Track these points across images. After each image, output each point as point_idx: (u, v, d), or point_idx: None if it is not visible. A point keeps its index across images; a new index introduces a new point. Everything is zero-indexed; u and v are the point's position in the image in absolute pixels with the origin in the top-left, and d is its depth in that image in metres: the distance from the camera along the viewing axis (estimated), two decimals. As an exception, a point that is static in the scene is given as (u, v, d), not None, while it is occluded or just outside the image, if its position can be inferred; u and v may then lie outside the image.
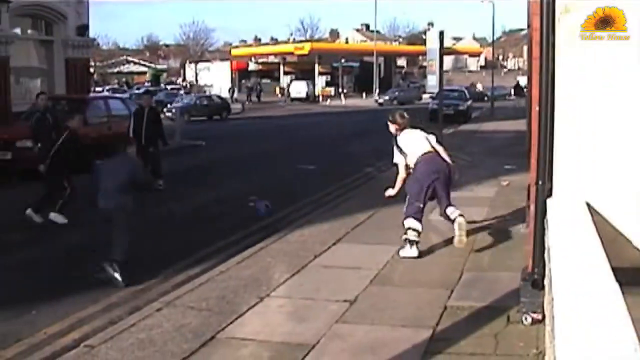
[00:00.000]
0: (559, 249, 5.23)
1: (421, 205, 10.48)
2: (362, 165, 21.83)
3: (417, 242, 10.35)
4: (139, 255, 10.82)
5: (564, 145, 6.94)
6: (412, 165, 10.69)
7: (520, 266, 8.12)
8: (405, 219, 10.45)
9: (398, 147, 10.84)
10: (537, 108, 6.99)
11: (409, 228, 10.36)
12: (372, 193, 16.54)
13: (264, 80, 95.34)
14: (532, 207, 7.27)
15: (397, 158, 10.87)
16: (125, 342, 7.16)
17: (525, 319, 7.24)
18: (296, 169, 21.76)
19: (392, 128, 11.00)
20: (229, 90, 77.56)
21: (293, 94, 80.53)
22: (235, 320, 7.80)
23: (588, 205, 6.68)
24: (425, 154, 10.61)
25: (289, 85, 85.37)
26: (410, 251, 10.33)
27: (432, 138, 11.01)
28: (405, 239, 10.39)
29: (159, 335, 7.34)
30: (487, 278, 9.18)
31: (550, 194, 6.97)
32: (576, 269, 4.63)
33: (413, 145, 10.74)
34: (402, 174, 10.83)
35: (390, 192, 11.15)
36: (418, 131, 11.05)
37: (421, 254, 10.35)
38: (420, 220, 10.41)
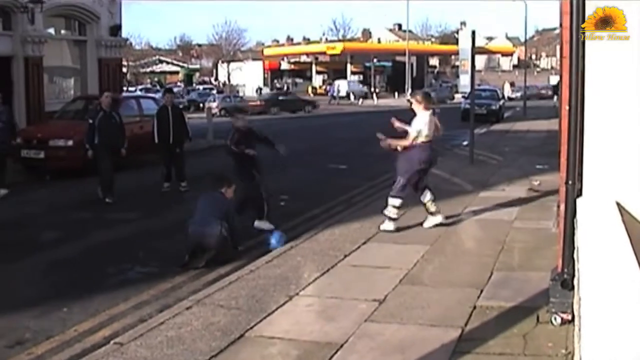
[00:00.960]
0: (588, 248, 5.20)
1: (406, 184, 11.89)
2: (394, 165, 21.76)
3: (396, 219, 11.91)
4: (170, 254, 10.94)
5: (594, 145, 6.88)
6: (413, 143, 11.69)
7: (550, 266, 8.07)
8: (391, 196, 11.90)
9: (416, 123, 11.71)
10: (567, 107, 6.96)
11: (394, 206, 11.85)
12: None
13: (297, 80, 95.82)
14: (562, 207, 7.23)
15: (414, 130, 11.66)
16: (154, 340, 7.20)
17: (555, 319, 7.20)
18: (328, 168, 21.78)
19: (417, 107, 11.84)
20: (256, 91, 77.56)
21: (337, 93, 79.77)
22: (264, 318, 7.82)
23: (618, 204, 6.62)
24: (426, 142, 11.68)
25: (331, 84, 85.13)
26: (389, 225, 11.83)
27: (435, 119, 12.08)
28: (388, 216, 11.87)
29: (188, 333, 7.37)
30: (517, 278, 9.13)
31: (580, 194, 6.92)
32: (604, 269, 4.59)
33: (425, 128, 11.65)
34: (408, 142, 11.70)
35: (390, 140, 11.94)
36: (430, 114, 11.88)
37: (399, 230, 11.84)
38: (402, 198, 11.89)
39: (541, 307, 7.64)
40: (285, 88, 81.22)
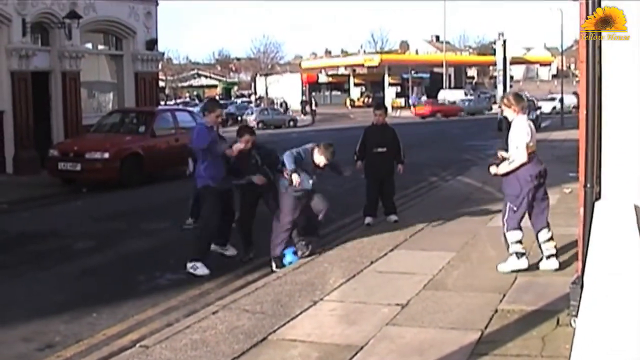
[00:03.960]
0: (597, 251, 5.25)
1: (520, 212, 9.72)
2: (427, 175, 21.87)
3: (524, 253, 9.78)
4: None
5: (613, 148, 6.91)
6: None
7: (574, 271, 8.11)
8: (507, 231, 9.78)
9: (516, 135, 9.63)
10: (585, 111, 7.00)
11: (514, 241, 9.72)
12: (434, 201, 16.62)
13: (334, 92, 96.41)
14: (581, 211, 7.25)
15: (519, 144, 9.51)
16: (179, 343, 7.36)
17: (574, 321, 7.19)
18: (360, 178, 21.81)
19: (508, 111, 9.98)
20: (281, 105, 78.22)
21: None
22: (287, 322, 7.96)
23: (637, 208, 6.63)
24: (531, 153, 9.59)
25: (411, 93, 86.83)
26: (519, 263, 9.69)
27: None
28: (514, 253, 9.72)
29: (212, 336, 7.52)
30: (541, 282, 9.16)
31: (599, 197, 6.94)
32: (607, 271, 4.64)
33: (528, 137, 9.62)
34: (523, 158, 9.49)
35: (496, 170, 9.88)
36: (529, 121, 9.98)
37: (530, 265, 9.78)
38: (520, 229, 9.75)
39: (562, 310, 7.67)
40: (311, 101, 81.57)
